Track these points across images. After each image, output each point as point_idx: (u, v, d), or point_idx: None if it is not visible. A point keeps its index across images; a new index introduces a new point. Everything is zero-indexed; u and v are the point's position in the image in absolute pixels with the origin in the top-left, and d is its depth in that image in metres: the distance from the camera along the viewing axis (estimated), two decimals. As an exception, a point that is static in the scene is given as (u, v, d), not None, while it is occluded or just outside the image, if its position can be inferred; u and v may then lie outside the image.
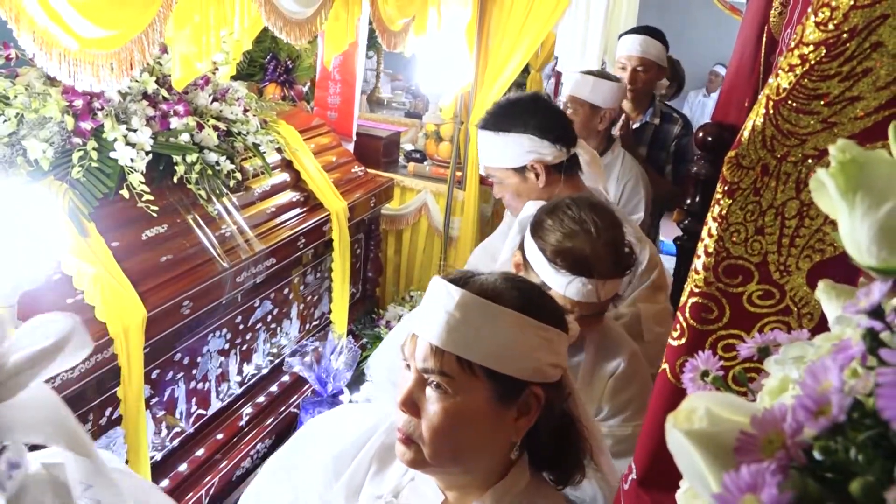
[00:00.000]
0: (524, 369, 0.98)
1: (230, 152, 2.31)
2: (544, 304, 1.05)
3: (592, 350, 1.56)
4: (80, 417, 1.77)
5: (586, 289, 1.41)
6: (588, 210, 1.48)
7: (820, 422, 0.39)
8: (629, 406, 1.54)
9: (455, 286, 1.00)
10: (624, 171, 2.86)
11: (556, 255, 1.43)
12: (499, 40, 3.48)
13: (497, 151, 1.98)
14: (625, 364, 1.55)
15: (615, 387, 1.54)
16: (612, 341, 1.59)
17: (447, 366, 0.97)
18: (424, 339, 0.99)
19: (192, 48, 1.85)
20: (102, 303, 1.72)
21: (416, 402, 1.00)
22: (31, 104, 1.81)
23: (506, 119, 1.96)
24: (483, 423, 0.99)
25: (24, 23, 1.32)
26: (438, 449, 0.99)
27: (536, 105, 2.00)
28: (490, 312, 0.98)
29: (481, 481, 1.04)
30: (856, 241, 0.50)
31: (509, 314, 0.98)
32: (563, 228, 1.45)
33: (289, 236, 2.52)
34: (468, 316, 0.97)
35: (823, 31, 0.73)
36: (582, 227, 1.44)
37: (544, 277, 1.44)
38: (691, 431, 0.47)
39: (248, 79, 3.37)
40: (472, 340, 0.97)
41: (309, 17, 2.19)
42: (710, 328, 0.88)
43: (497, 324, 0.97)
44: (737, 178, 0.83)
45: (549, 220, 1.49)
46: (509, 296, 1.01)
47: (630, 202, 2.83)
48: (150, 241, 1.99)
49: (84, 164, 1.84)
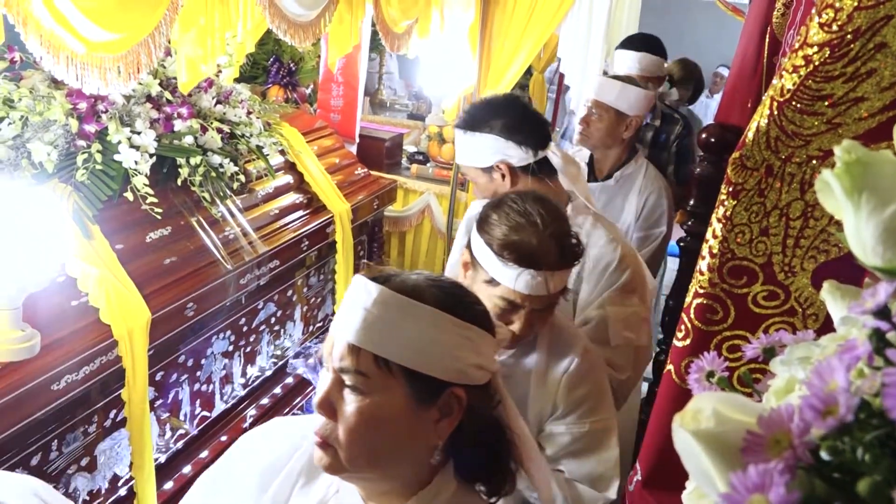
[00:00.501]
0: (444, 369, 0.95)
1: (234, 154, 2.32)
2: (468, 304, 1.02)
3: (545, 349, 1.57)
4: (85, 419, 1.77)
5: (535, 281, 1.41)
6: (533, 203, 1.48)
7: (828, 422, 0.39)
8: (584, 403, 1.54)
9: (374, 283, 0.97)
10: (647, 183, 2.80)
11: (503, 248, 1.43)
12: (501, 42, 3.49)
13: (467, 150, 2.01)
14: (577, 361, 1.55)
15: (569, 385, 1.54)
16: (563, 339, 1.59)
17: (363, 365, 0.94)
18: (342, 337, 0.96)
19: (197, 51, 1.86)
20: (107, 305, 1.72)
21: (334, 404, 0.97)
22: (36, 107, 1.82)
23: (476, 119, 1.98)
24: (401, 424, 0.96)
25: (31, 26, 1.32)
26: (355, 452, 0.95)
27: (507, 106, 2.00)
28: (408, 310, 0.95)
29: (403, 489, 1.01)
30: (861, 242, 0.51)
31: (428, 311, 0.95)
32: (508, 222, 1.45)
33: (292, 238, 2.52)
34: (386, 313, 0.95)
35: (827, 32, 0.73)
36: (528, 219, 1.45)
37: (493, 272, 1.44)
38: (698, 431, 0.47)
39: (251, 81, 3.38)
40: (389, 338, 0.94)
41: (313, 19, 2.20)
42: (715, 329, 0.88)
43: (415, 321, 0.95)
44: (741, 180, 0.83)
45: (495, 214, 1.49)
46: (430, 293, 0.98)
47: (652, 215, 2.77)
48: (154, 244, 1.99)
49: (88, 166, 1.84)
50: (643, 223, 2.76)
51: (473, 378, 0.98)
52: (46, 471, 1.68)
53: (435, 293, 0.98)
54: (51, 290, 1.62)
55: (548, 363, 1.56)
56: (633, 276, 1.93)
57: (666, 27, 4.29)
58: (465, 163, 2.04)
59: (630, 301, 1.91)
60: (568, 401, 1.53)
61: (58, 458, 1.70)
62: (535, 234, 1.43)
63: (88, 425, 1.78)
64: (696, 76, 4.29)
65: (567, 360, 1.55)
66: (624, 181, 2.80)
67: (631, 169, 2.81)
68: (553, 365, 1.56)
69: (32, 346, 1.52)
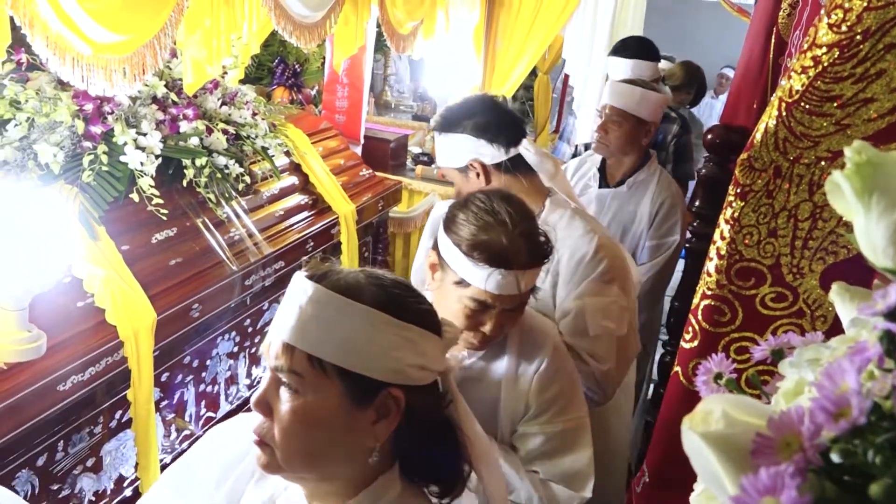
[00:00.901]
0: (380, 369, 0.93)
1: (239, 156, 2.32)
2: (409, 303, 1.00)
3: (515, 349, 1.56)
4: (91, 420, 1.77)
5: (506, 280, 1.40)
6: (500, 201, 1.47)
7: (840, 424, 0.39)
8: (556, 402, 1.53)
9: (310, 281, 0.96)
10: (660, 190, 2.74)
11: (472, 248, 1.41)
12: (506, 43, 3.49)
13: (444, 152, 2.02)
14: (548, 360, 1.54)
15: (540, 384, 1.53)
16: (533, 339, 1.58)
17: (297, 364, 0.93)
18: (277, 336, 0.96)
19: (202, 52, 1.86)
20: (113, 306, 1.72)
21: (270, 403, 0.96)
22: (42, 108, 1.82)
23: (449, 120, 1.99)
24: (335, 425, 0.94)
25: (37, 28, 1.33)
26: (290, 452, 0.95)
27: (478, 105, 2.01)
28: (342, 308, 0.93)
29: (344, 489, 0.99)
30: (872, 243, 0.50)
31: (364, 310, 0.93)
32: (477, 221, 1.44)
33: (297, 239, 2.52)
34: (320, 311, 0.93)
35: (837, 32, 0.73)
36: (496, 218, 1.44)
37: (462, 273, 1.43)
38: (707, 434, 0.47)
39: (256, 83, 3.38)
40: (323, 337, 0.93)
41: (318, 20, 2.20)
42: (723, 331, 0.87)
43: (350, 320, 0.93)
44: (749, 181, 0.83)
45: (462, 214, 1.47)
46: (368, 291, 0.96)
47: (665, 223, 2.71)
48: (159, 245, 1.99)
49: (94, 168, 1.85)
50: (655, 232, 2.71)
51: (414, 378, 0.96)
52: (52, 471, 1.68)
53: (373, 291, 0.96)
54: (57, 290, 1.63)
55: (518, 364, 1.55)
56: (611, 265, 1.91)
57: (671, 28, 4.29)
58: (443, 164, 2.05)
59: (609, 291, 1.89)
60: (539, 400, 1.53)
61: (63, 458, 1.71)
62: (505, 233, 1.42)
63: (94, 426, 1.78)
64: (698, 79, 4.27)
65: (537, 360, 1.54)
66: (636, 188, 2.75)
67: (644, 175, 2.75)
68: (524, 365, 1.55)
69: (38, 347, 1.52)
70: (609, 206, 2.77)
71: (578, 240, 1.90)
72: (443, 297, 1.48)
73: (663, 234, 2.70)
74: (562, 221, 1.94)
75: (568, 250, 1.89)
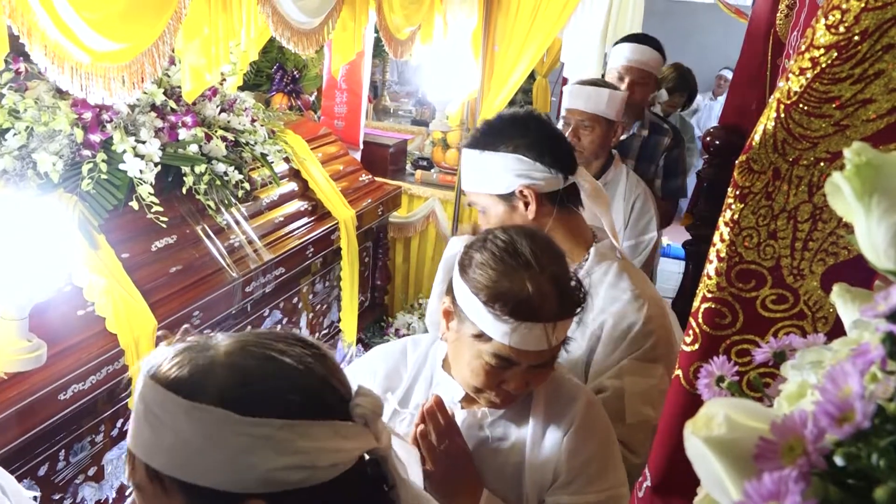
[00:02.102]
0: (229, 480, 0.74)
1: (238, 162, 2.32)
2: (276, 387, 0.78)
3: (541, 408, 1.33)
4: (92, 429, 1.77)
5: (533, 335, 1.18)
6: (524, 239, 1.25)
7: (844, 428, 0.39)
8: (588, 467, 1.30)
9: (146, 372, 0.78)
10: (630, 188, 2.64)
11: (493, 298, 1.19)
12: (504, 47, 3.49)
13: (481, 174, 1.68)
14: (580, 419, 1.31)
15: (571, 446, 1.30)
16: (563, 394, 1.36)
17: (138, 476, 0.78)
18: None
19: (201, 60, 1.86)
20: (113, 314, 1.72)
21: None
22: (41, 117, 1.82)
23: (494, 136, 1.67)
24: None
25: (36, 37, 1.33)
26: None
27: (531, 122, 1.69)
28: (169, 407, 0.75)
29: None
30: (873, 245, 0.50)
31: (194, 409, 0.74)
32: (496, 265, 1.21)
33: (297, 245, 2.53)
34: (150, 411, 0.76)
35: (834, 33, 0.73)
36: (518, 260, 1.21)
37: (483, 326, 1.21)
38: (710, 438, 0.47)
39: (254, 89, 3.39)
40: (153, 443, 0.76)
41: (316, 27, 2.20)
42: (724, 333, 0.87)
43: (178, 421, 0.74)
44: (748, 183, 0.82)
45: (479, 255, 1.24)
46: (216, 378, 0.76)
47: (640, 221, 2.62)
48: (159, 252, 1.99)
49: (94, 176, 1.85)
50: (632, 231, 2.61)
51: (294, 482, 0.75)
52: (54, 480, 1.68)
53: (222, 378, 0.76)
54: (57, 299, 1.63)
55: (546, 424, 1.32)
56: (659, 341, 1.63)
57: (669, 30, 4.30)
58: (478, 189, 1.70)
59: (653, 372, 1.62)
60: (571, 465, 1.30)
61: (65, 467, 1.70)
62: (531, 279, 1.19)
63: (95, 435, 1.78)
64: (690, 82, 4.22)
65: (567, 418, 1.32)
66: (607, 189, 2.55)
67: (610, 175, 2.64)
68: (552, 425, 1.32)
69: (39, 357, 1.52)
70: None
71: (626, 305, 1.63)
72: (459, 350, 1.28)
73: (640, 232, 2.61)
74: (607, 278, 1.67)
75: (613, 317, 1.63)
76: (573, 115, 2.60)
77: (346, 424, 0.79)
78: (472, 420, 1.33)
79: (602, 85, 2.65)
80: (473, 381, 1.26)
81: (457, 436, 1.29)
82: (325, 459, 0.76)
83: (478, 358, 1.23)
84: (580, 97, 2.59)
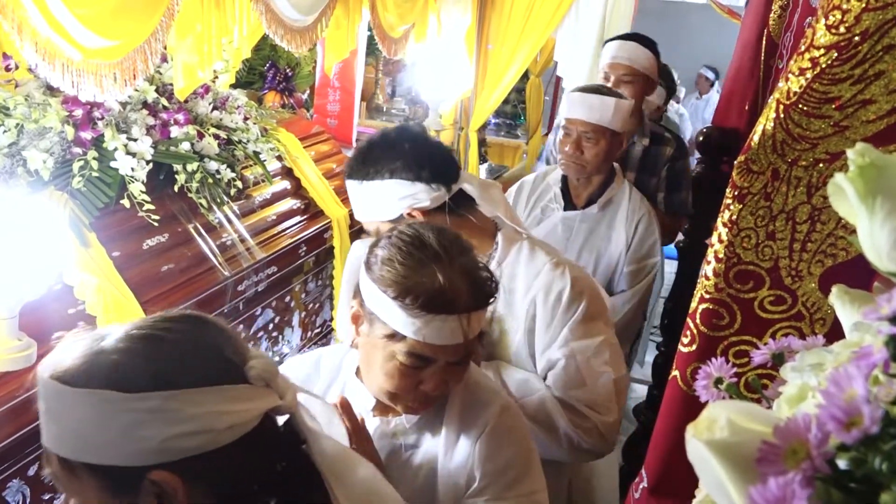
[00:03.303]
0: (128, 454, 0.78)
1: (231, 161, 2.31)
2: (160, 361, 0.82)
3: (456, 410, 1.28)
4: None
5: (449, 328, 1.13)
6: (430, 232, 1.20)
7: (852, 433, 0.38)
8: (506, 473, 1.25)
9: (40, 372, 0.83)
10: (633, 208, 2.41)
11: (404, 293, 1.13)
12: (498, 46, 3.49)
13: (367, 204, 1.65)
14: (493, 422, 1.26)
15: (484, 451, 1.25)
16: (477, 397, 1.30)
17: (53, 466, 0.83)
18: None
19: (193, 57, 1.85)
20: (104, 313, 1.71)
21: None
22: (31, 114, 1.81)
23: (368, 165, 1.62)
24: None
25: (26, 33, 1.32)
26: None
27: (400, 141, 1.63)
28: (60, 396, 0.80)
29: None
30: (876, 247, 0.50)
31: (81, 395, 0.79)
32: (405, 260, 1.16)
33: (290, 244, 2.51)
34: (47, 404, 0.81)
35: (835, 34, 0.73)
36: (426, 253, 1.16)
37: (394, 324, 1.15)
38: (712, 441, 0.46)
39: (247, 87, 3.37)
40: (56, 432, 0.81)
41: (309, 24, 2.19)
42: (722, 334, 0.87)
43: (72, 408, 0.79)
44: (747, 183, 0.82)
45: (385, 252, 1.19)
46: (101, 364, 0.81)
47: (643, 245, 2.39)
48: (151, 251, 1.98)
49: (84, 173, 1.83)
50: (633, 255, 2.39)
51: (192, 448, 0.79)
52: (44, 481, 1.66)
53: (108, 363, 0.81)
54: (48, 298, 1.61)
55: (459, 430, 1.27)
56: (592, 299, 1.64)
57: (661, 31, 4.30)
58: (368, 218, 1.68)
59: (595, 329, 1.62)
60: (484, 470, 1.25)
61: (55, 468, 1.69)
62: (441, 271, 1.14)
63: (86, 435, 1.77)
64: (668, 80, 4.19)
65: (480, 422, 1.27)
66: (608, 207, 2.41)
67: (613, 192, 2.41)
68: (465, 431, 1.27)
69: (29, 356, 1.51)
70: (578, 230, 2.42)
71: (548, 275, 1.63)
72: (371, 354, 1.21)
73: (643, 257, 2.39)
74: (521, 256, 1.67)
75: (542, 290, 1.62)
76: (575, 126, 2.35)
77: (238, 387, 0.83)
78: (385, 429, 1.28)
79: (606, 92, 2.41)
80: (388, 385, 1.19)
81: (366, 442, 1.23)
82: (220, 422, 0.80)
83: (391, 360, 1.17)
84: (583, 106, 2.35)
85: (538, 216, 2.48)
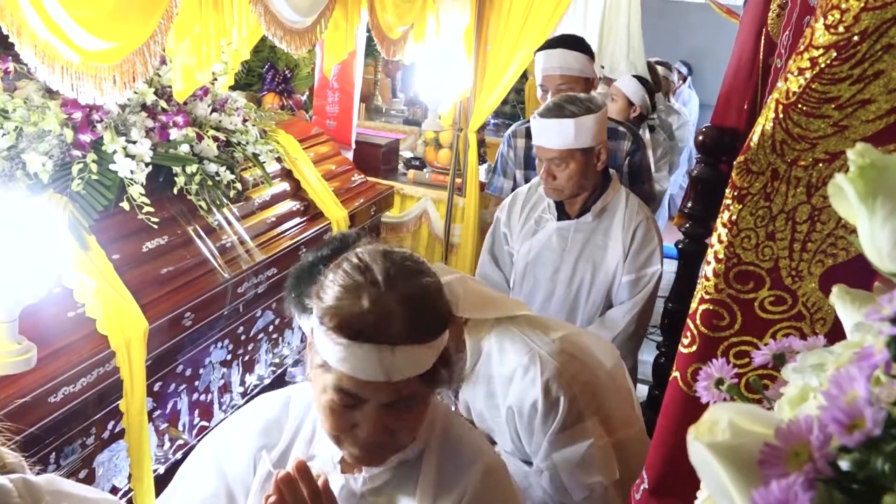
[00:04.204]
0: None
1: (230, 163, 2.31)
2: None
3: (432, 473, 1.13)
4: (83, 431, 1.75)
5: (369, 359, 0.97)
6: (380, 257, 1.06)
7: (855, 436, 0.38)
8: None
9: None
10: (631, 214, 2.32)
11: (328, 315, 1.01)
12: (497, 46, 3.49)
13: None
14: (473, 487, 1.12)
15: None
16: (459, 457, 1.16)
17: None
18: None
19: (192, 59, 1.85)
20: (104, 316, 1.70)
21: None
22: (30, 117, 1.80)
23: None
24: None
25: (25, 36, 1.31)
26: None
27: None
28: None
29: None
30: (876, 247, 0.50)
31: None
32: (343, 282, 1.03)
33: (290, 246, 2.51)
34: None
35: (834, 33, 0.72)
36: (365, 277, 1.02)
37: (321, 350, 1.02)
38: (714, 444, 0.46)
39: (246, 89, 3.37)
40: None
41: (308, 26, 2.19)
42: (722, 335, 0.87)
43: None
44: (746, 184, 0.82)
45: (332, 275, 1.06)
46: None
47: (641, 253, 2.30)
48: (150, 253, 1.98)
49: (84, 176, 1.83)
50: (632, 264, 2.30)
51: None
52: (44, 484, 1.67)
53: None
54: (47, 301, 1.61)
55: (436, 491, 1.12)
56: (573, 399, 1.51)
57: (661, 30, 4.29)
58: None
59: (581, 435, 1.52)
60: None
61: (56, 470, 1.69)
62: (370, 295, 1.00)
63: (86, 437, 1.76)
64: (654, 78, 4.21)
65: (460, 486, 1.12)
66: (603, 215, 2.33)
67: (608, 198, 2.33)
68: (442, 493, 1.12)
69: (29, 359, 1.50)
70: (573, 241, 2.34)
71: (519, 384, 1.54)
72: (315, 386, 1.08)
73: (642, 266, 2.30)
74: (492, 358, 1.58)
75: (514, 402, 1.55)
76: (542, 153, 2.26)
77: None
78: (352, 487, 1.13)
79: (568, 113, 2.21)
80: (325, 424, 1.07)
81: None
82: None
83: (324, 392, 1.04)
84: (543, 134, 2.23)
85: (532, 227, 2.42)
